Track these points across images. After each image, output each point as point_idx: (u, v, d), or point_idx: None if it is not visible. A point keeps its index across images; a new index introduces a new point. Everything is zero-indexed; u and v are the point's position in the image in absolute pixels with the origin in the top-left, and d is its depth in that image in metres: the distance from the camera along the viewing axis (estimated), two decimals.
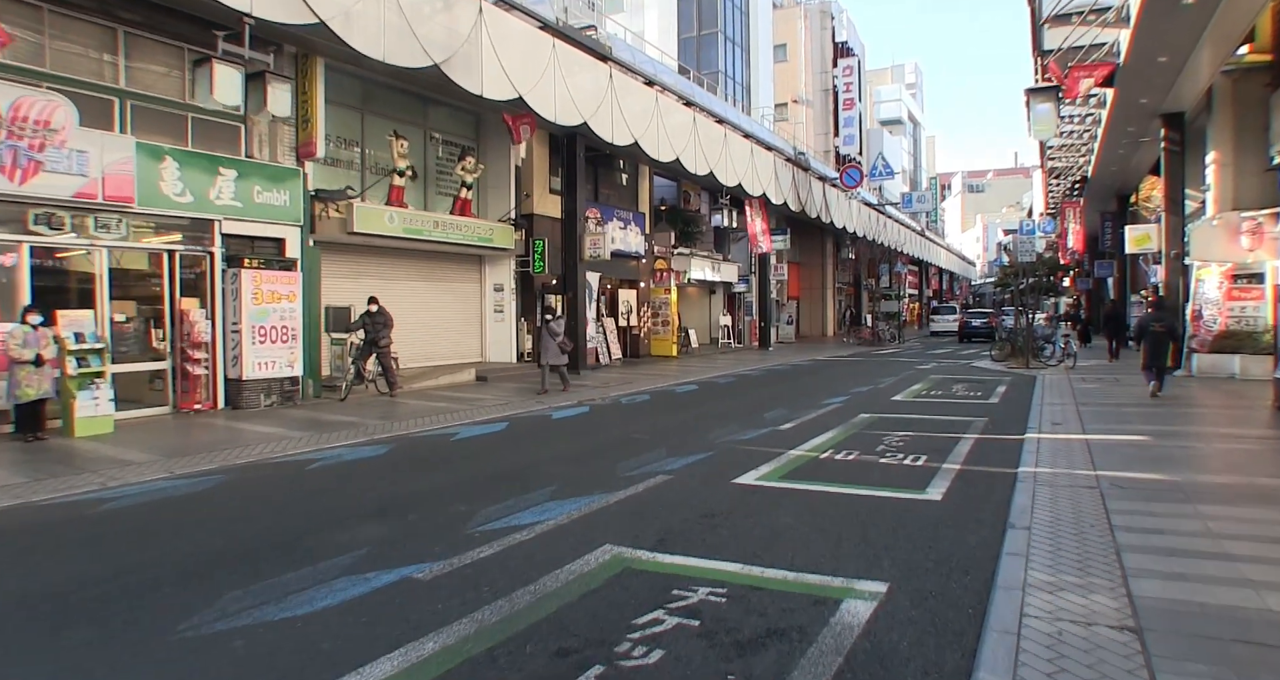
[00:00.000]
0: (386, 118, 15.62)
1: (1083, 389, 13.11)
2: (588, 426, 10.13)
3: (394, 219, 14.46)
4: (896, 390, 13.80)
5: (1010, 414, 10.55)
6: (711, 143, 18.92)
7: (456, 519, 5.54)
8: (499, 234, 16.97)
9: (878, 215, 35.69)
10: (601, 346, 20.00)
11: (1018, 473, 6.56)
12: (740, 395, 13.53)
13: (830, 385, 14.95)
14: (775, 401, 12.36)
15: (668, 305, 22.91)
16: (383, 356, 13.18)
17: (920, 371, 17.90)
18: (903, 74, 73.28)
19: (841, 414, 10.70)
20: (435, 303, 16.90)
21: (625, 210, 21.37)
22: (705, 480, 6.65)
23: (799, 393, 13.68)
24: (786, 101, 42.87)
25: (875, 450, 7.90)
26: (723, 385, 15.34)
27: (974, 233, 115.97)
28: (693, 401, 12.75)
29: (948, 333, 41.34)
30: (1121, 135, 17.67)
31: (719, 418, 10.57)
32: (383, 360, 13.21)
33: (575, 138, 17.16)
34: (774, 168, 22.59)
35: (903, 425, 9.60)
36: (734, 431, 9.26)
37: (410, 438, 9.25)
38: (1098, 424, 9.14)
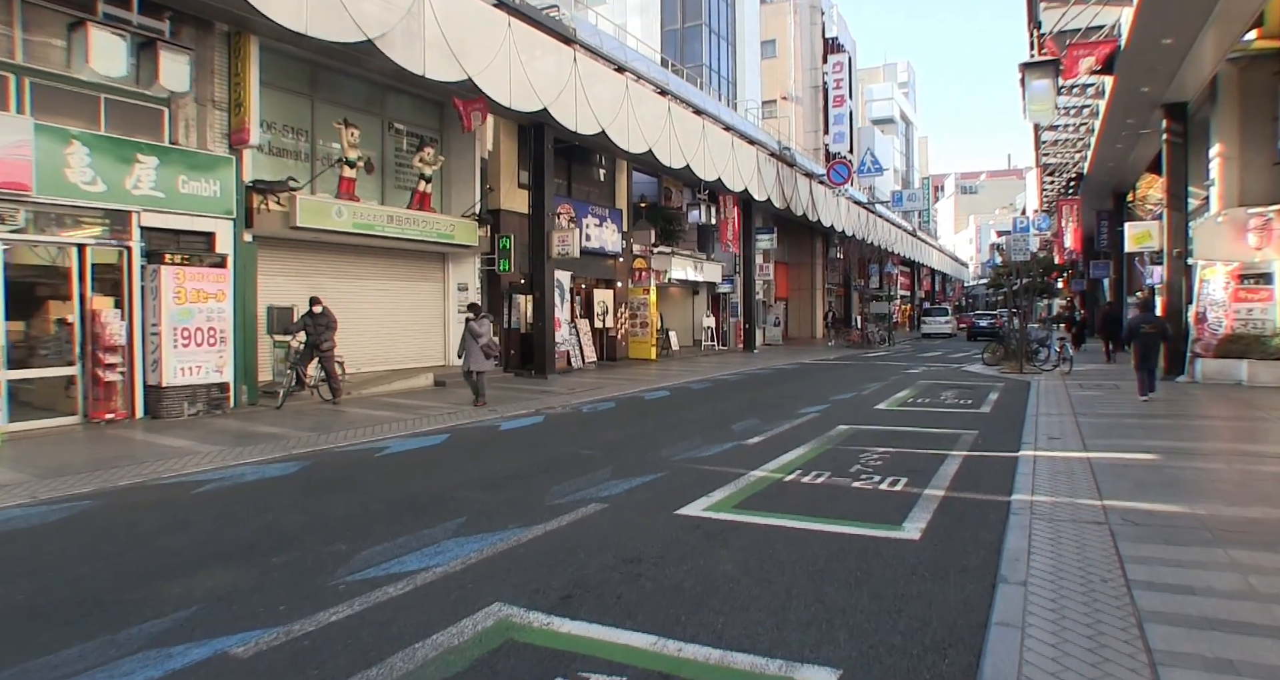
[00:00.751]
0: (340, 105, 14.59)
1: (1080, 397, 12.17)
2: (535, 440, 9.14)
3: (342, 213, 13.43)
4: (881, 397, 12.84)
5: (1003, 426, 9.60)
6: (688, 135, 17.96)
7: (328, 563, 4.55)
8: (461, 230, 15.96)
9: (867, 214, 34.77)
10: (574, 349, 19.00)
11: (1011, 502, 5.60)
12: (712, 403, 12.55)
13: (811, 391, 13.99)
14: (749, 410, 11.39)
15: (646, 306, 21.93)
16: (325, 361, 12.18)
17: (908, 376, 16.96)
18: (895, 73, 72.48)
19: (818, 425, 9.73)
20: (393, 303, 15.87)
21: (601, 207, 20.40)
22: (644, 510, 5.66)
23: (776, 400, 12.71)
24: (775, 98, 41.98)
25: (849, 471, 6.92)
26: (696, 391, 14.36)
27: (967, 234, 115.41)
28: (660, 410, 11.77)
29: (939, 335, 40.57)
30: (1120, 128, 16.77)
31: (682, 430, 9.58)
32: (325, 365, 12.20)
33: (543, 128, 16.17)
34: (757, 163, 21.62)
35: (883, 439, 8.63)
36: (695, 447, 8.28)
37: (332, 453, 8.24)
38: (1099, 438, 8.19)
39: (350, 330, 14.82)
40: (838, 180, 25.92)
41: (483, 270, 17.12)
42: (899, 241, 41.26)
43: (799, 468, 7.08)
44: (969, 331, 37.81)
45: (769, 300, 33.03)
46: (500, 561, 4.56)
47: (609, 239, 20.61)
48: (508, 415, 11.12)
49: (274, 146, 13.61)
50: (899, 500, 5.84)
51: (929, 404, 12.00)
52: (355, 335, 15.00)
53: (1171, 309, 14.76)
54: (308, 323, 11.98)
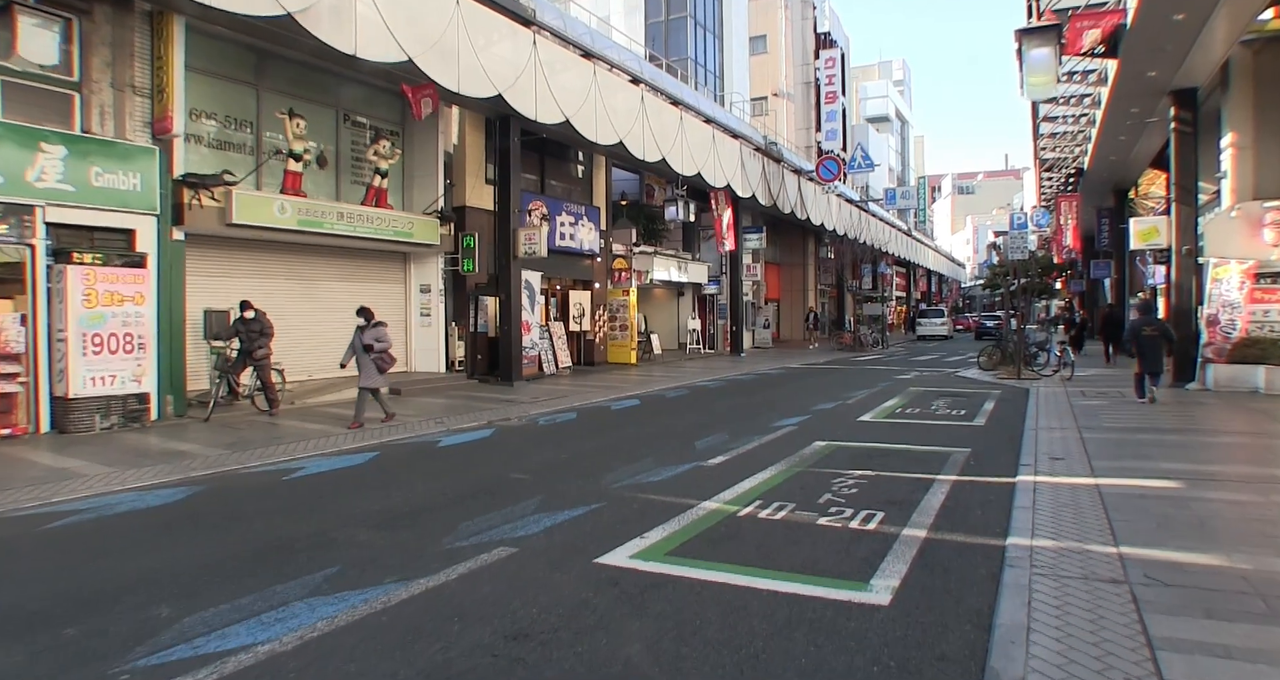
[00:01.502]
0: (289, 96, 13.58)
1: (1084, 407, 11.16)
2: (470, 460, 8.11)
3: (286, 209, 12.43)
4: (867, 407, 11.82)
5: (998, 442, 8.58)
6: (664, 127, 16.96)
7: (129, 637, 3.53)
8: (421, 228, 14.95)
9: (860, 212, 33.78)
10: (547, 354, 17.97)
11: (1006, 549, 4.58)
12: (682, 413, 11.53)
13: (792, 400, 12.97)
14: (720, 422, 10.37)
15: (626, 308, 20.92)
16: (261, 369, 11.15)
17: (899, 382, 15.94)
18: (890, 70, 71.51)
19: (792, 441, 8.71)
20: (349, 306, 14.79)
21: (577, 204, 19.39)
22: (559, 558, 4.65)
23: (752, 410, 11.69)
24: (766, 95, 40.99)
25: (817, 501, 5.90)
26: (670, 399, 13.35)
27: (964, 235, 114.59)
28: (623, 422, 10.75)
29: (935, 337, 39.57)
30: (1124, 117, 15.79)
31: (639, 446, 8.56)
32: (261, 374, 11.17)
33: (509, 119, 15.17)
34: (740, 157, 20.62)
35: (863, 460, 7.62)
36: (646, 469, 7.26)
37: (235, 476, 7.22)
38: (1109, 459, 7.17)
39: (298, 335, 13.82)
40: (827, 176, 24.92)
41: (446, 270, 16.10)
42: (893, 241, 40.28)
43: (759, 498, 6.06)
44: (976, 332, 39.80)
45: (758, 302, 32.03)
46: (350, 635, 3.55)
47: (585, 238, 19.61)
48: (455, 428, 10.11)
49: (214, 138, 12.62)
50: (870, 544, 4.82)
51: (918, 415, 10.98)
52: (305, 340, 14.01)
53: (1180, 311, 13.76)
54: (239, 328, 10.95)
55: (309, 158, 13.19)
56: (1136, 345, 11.13)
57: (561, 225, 18.69)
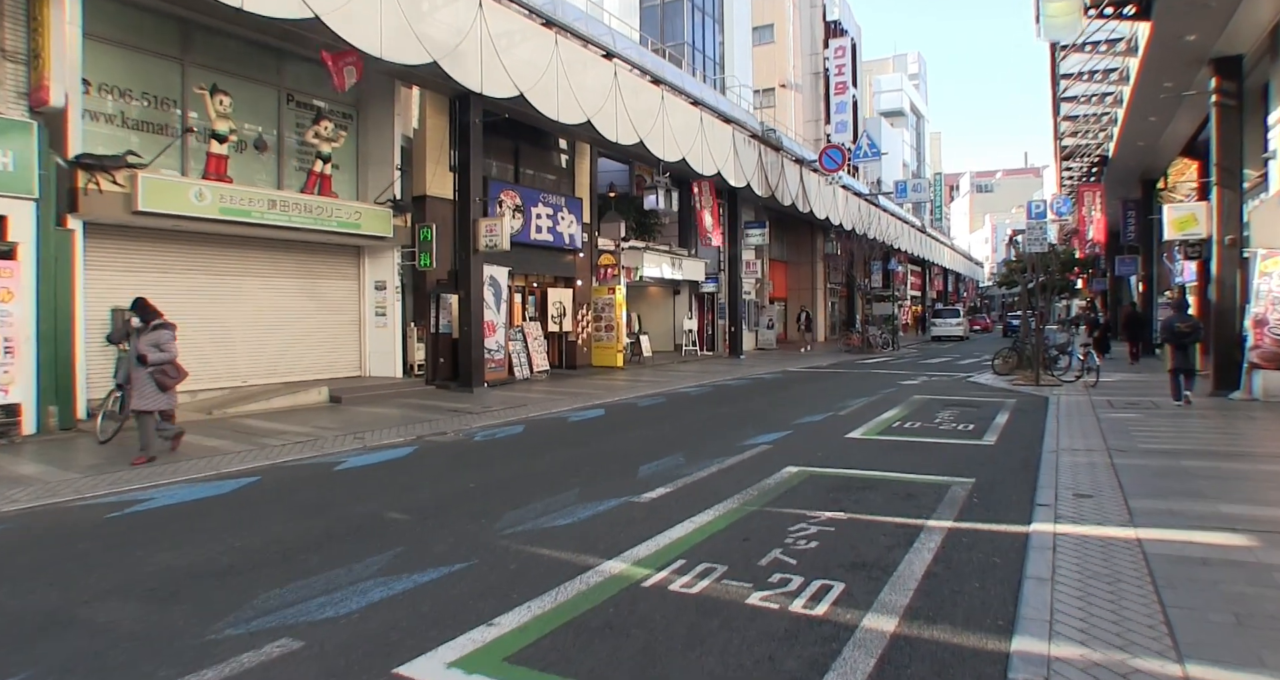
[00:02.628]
0: (220, 72, 12.23)
1: (1113, 421, 9.54)
2: (358, 490, 6.66)
3: (204, 195, 11.07)
4: (860, 420, 10.25)
5: (1010, 469, 7.01)
6: (643, 107, 15.46)
7: None
8: (371, 219, 13.56)
9: (869, 206, 32.05)
10: (519, 357, 16.53)
11: (1011, 660, 3.05)
12: (646, 427, 10.03)
13: (777, 411, 11.43)
14: (682, 440, 8.86)
15: (612, 307, 19.44)
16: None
17: (903, 389, 14.34)
18: (905, 64, 69.43)
19: (757, 467, 7.19)
20: (290, 305, 13.48)
21: (556, 195, 17.94)
22: (347, 665, 3.17)
23: (727, 424, 10.17)
24: (774, 86, 39.41)
25: (759, 564, 4.39)
26: (641, 409, 11.86)
27: (982, 234, 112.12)
28: (572, 438, 9.27)
29: (950, 337, 37.76)
30: (1155, 93, 14.08)
31: (568, 473, 7.08)
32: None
33: (468, 98, 13.73)
34: (733, 143, 19.05)
35: (837, 494, 6.08)
36: (560, 506, 5.78)
37: (51, 513, 5.82)
38: (1151, 497, 5.60)
39: (228, 337, 12.46)
40: (830, 166, 23.28)
41: (404, 266, 14.71)
42: (905, 237, 38.47)
43: (683, 555, 4.55)
44: (1005, 329, 40.22)
45: (761, 301, 30.43)
46: None
47: (566, 231, 18.15)
48: (373, 445, 8.68)
49: (133, 118, 11.28)
50: (812, 646, 3.31)
51: (918, 430, 9.40)
52: (238, 343, 12.65)
53: (1223, 310, 12.07)
54: (129, 331, 9.50)
55: (235, 139, 11.83)
56: (1171, 344, 10.77)
57: (538, 217, 17.25)
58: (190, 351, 11.83)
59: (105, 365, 10.52)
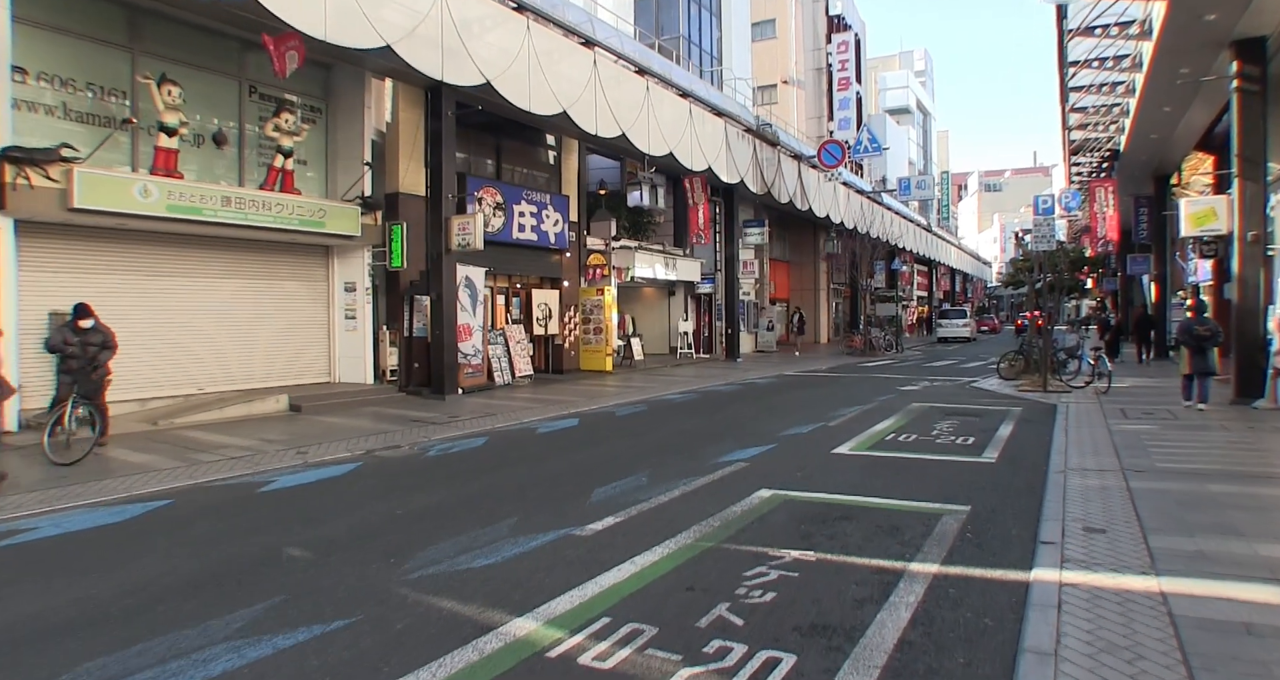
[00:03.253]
0: (174, 62, 11.53)
1: (1127, 434, 8.70)
2: (277, 515, 5.91)
3: (149, 191, 10.37)
4: (851, 432, 9.45)
5: (1012, 493, 6.20)
6: (626, 98, 14.67)
7: None
8: (337, 217, 12.84)
9: (872, 204, 31.15)
10: (500, 362, 15.79)
11: None
12: (617, 440, 9.26)
13: (763, 420, 10.63)
14: (651, 455, 8.09)
15: (601, 309, 18.67)
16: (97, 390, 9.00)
17: (902, 396, 13.52)
18: (911, 61, 68.38)
19: (725, 491, 6.41)
20: (252, 308, 12.78)
21: (540, 192, 17.18)
22: None
23: (705, 436, 9.38)
24: (775, 82, 38.58)
25: (697, 625, 3.61)
26: (619, 418, 11.09)
27: (990, 233, 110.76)
28: (531, 453, 8.50)
29: (957, 339, 36.84)
30: (1171, 79, 13.20)
31: (512, 497, 6.31)
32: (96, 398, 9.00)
33: (440, 91, 13.01)
34: (725, 138, 18.24)
35: (810, 527, 5.30)
36: (490, 539, 5.02)
37: None
38: (1175, 534, 4.79)
39: (178, 343, 11.76)
40: (830, 162, 22.43)
41: (375, 266, 13.98)
42: (909, 235, 37.51)
43: (610, 610, 3.78)
44: (1017, 329, 38.76)
45: (761, 302, 29.60)
46: None
47: (552, 230, 17.40)
48: (315, 461, 7.95)
49: (71, 109, 10.58)
50: None
51: (913, 444, 8.59)
52: (194, 348, 11.96)
53: (1245, 311, 11.20)
54: (68, 339, 8.77)
55: (185, 132, 11.11)
56: (1188, 345, 10.42)
57: (521, 215, 16.50)
58: (140, 357, 11.18)
59: (43, 373, 9.81)
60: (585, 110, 13.42)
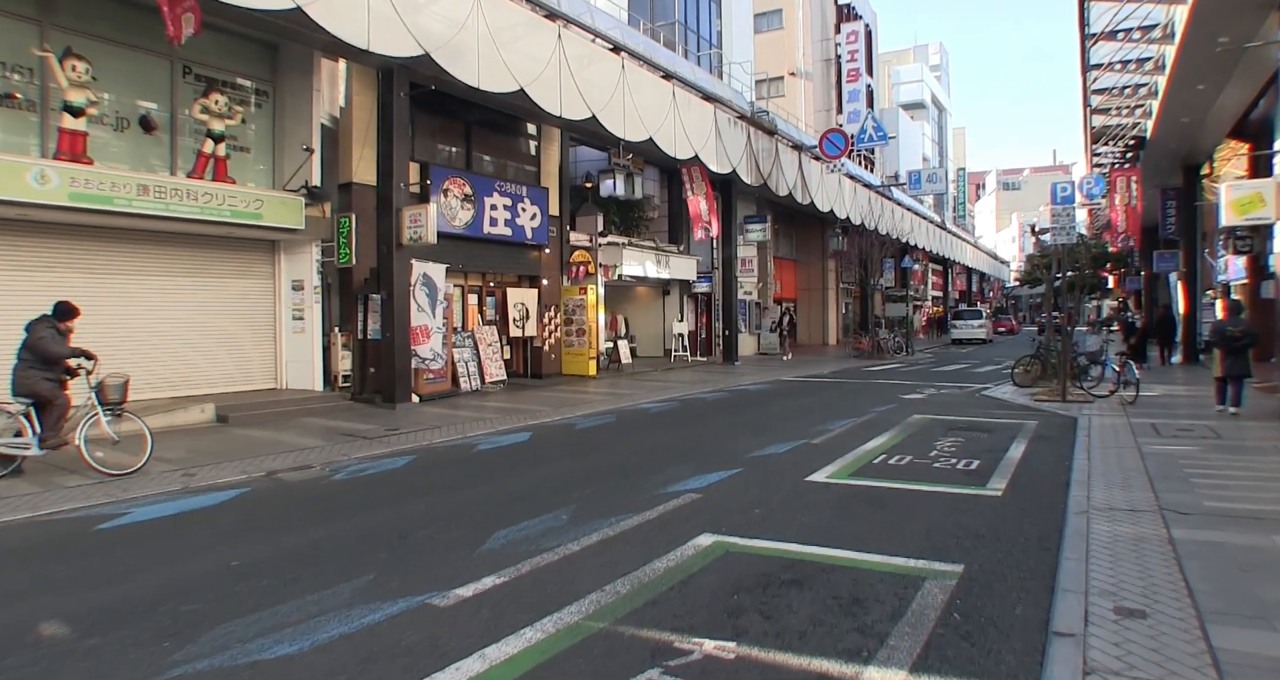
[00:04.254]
0: (93, 38, 10.45)
1: (1163, 457, 7.32)
2: (92, 567, 4.69)
3: (48, 178, 9.24)
4: (837, 452, 8.12)
5: (1018, 547, 4.86)
6: (597, 78, 13.39)
7: None
8: (276, 208, 11.68)
9: (880, 199, 29.64)
10: (468, 366, 14.58)
11: None
12: (558, 460, 7.99)
13: (738, 436, 9.31)
14: (589, 481, 6.81)
15: (584, 309, 17.42)
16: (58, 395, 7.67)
17: (903, 405, 12.16)
18: (926, 54, 66.53)
19: (657, 536, 5.13)
20: (183, 308, 11.65)
21: (515, 183, 15.96)
22: None
23: (665, 456, 8.09)
24: (783, 74, 37.24)
25: None
26: (579, 432, 9.83)
27: (1009, 232, 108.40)
28: (453, 478, 7.25)
29: (972, 340, 35.25)
30: (1208, 49, 11.73)
31: (385, 544, 5.06)
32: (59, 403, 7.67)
33: (392, 71, 11.84)
34: (714, 124, 16.89)
35: (743, 597, 4.01)
36: (318, 611, 3.77)
37: None
38: (1244, 615, 3.47)
39: (93, 345, 10.59)
40: (832, 152, 21.02)
41: (324, 263, 12.82)
42: (919, 232, 35.86)
43: None
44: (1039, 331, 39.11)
45: (764, 302, 28.22)
46: None
47: (528, 224, 16.18)
48: (199, 486, 6.77)
49: None
50: None
51: (905, 470, 7.26)
52: (113, 351, 10.80)
53: None
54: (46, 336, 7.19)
55: (94, 112, 9.99)
56: (1220, 347, 9.99)
57: (493, 208, 15.29)
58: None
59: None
60: (547, 89, 12.16)
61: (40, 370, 7.04)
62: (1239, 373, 9.88)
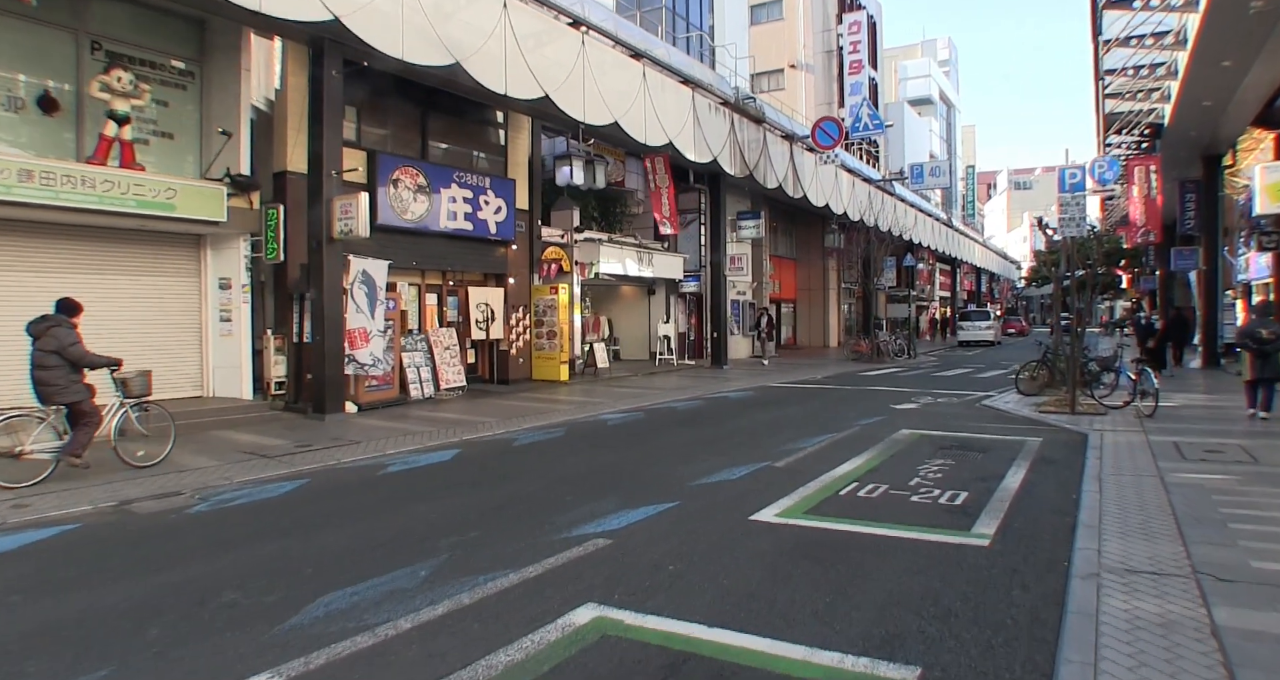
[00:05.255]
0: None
1: (1192, 491, 6.02)
2: None
3: None
4: (799, 479, 6.86)
5: (1003, 634, 3.60)
6: (552, 55, 12.13)
7: None
8: (193, 198, 10.52)
9: (881, 194, 28.26)
10: (420, 372, 13.41)
11: None
12: (464, 490, 6.77)
13: (690, 457, 8.06)
14: (481, 521, 5.59)
15: (555, 309, 16.21)
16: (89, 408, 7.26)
17: (892, 417, 10.88)
18: (934, 49, 64.93)
19: (521, 607, 3.90)
20: (94, 308, 10.47)
21: (479, 174, 14.78)
22: None
23: (591, 485, 6.86)
24: (783, 67, 35.96)
25: None
26: (514, 450, 8.62)
27: (1020, 232, 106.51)
28: (325, 514, 6.03)
29: (979, 342, 33.82)
30: (1237, 12, 10.40)
31: (165, 614, 3.85)
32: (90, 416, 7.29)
33: (323, 47, 10.68)
34: (692, 109, 15.61)
35: None
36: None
37: None
38: None
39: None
40: (824, 142, 19.69)
41: (252, 259, 11.67)
42: (922, 229, 34.34)
43: None
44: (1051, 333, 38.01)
45: (760, 302, 26.93)
46: None
47: (492, 218, 15.00)
48: (22, 522, 5.59)
49: None
50: None
51: (875, 505, 6.00)
52: (7, 360, 9.70)
53: None
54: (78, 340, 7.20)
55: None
56: (1249, 350, 9.59)
57: (452, 201, 14.12)
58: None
59: None
60: (489, 65, 10.92)
61: (72, 375, 6.89)
62: (1271, 376, 9.50)
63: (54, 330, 6.88)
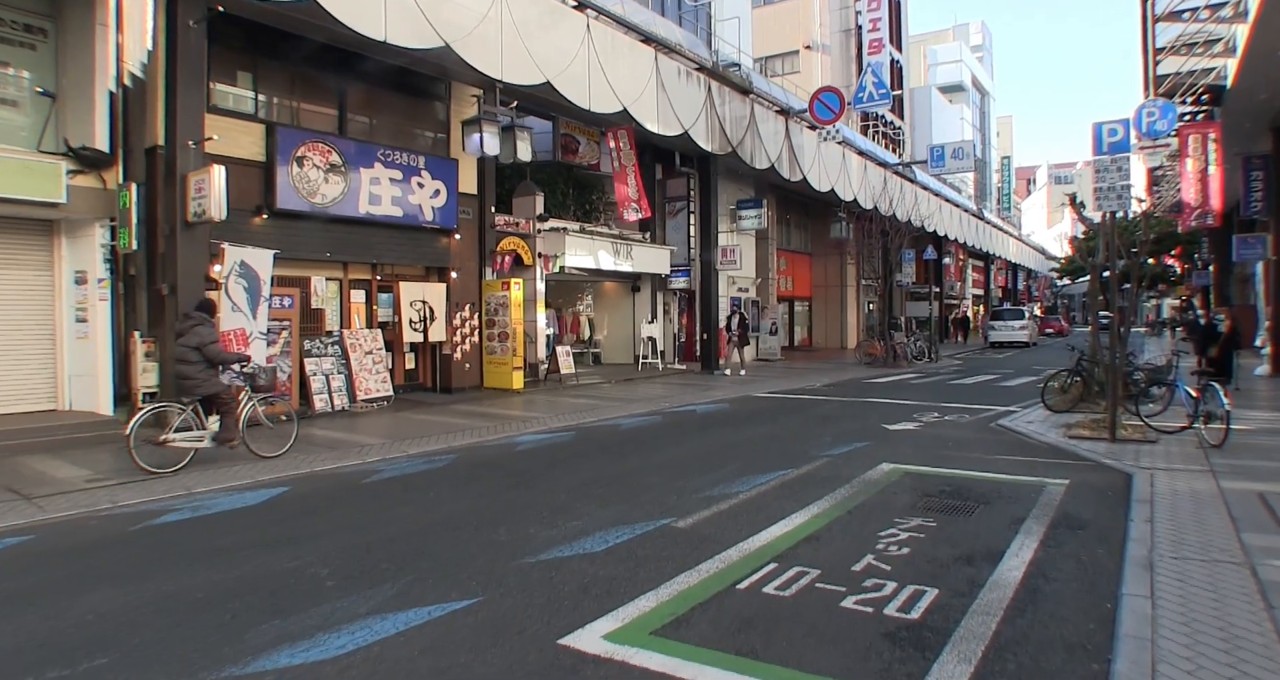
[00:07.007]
0: None
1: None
2: None
3: None
4: (697, 554, 4.68)
5: None
6: (472, 4, 10.06)
7: None
8: (19, 175, 8.72)
9: (898, 179, 25.64)
10: (330, 381, 11.47)
11: None
12: (198, 566, 4.71)
13: (574, 505, 5.91)
14: (163, 623, 3.52)
15: (507, 308, 14.18)
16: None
17: (879, 443, 8.60)
18: (966, 34, 61.52)
19: None
20: None
21: (410, 153, 12.81)
22: None
23: (384, 558, 4.75)
24: (798, 48, 33.60)
25: None
26: (352, 490, 6.56)
27: (1060, 228, 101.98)
28: (43, 586, 4.03)
29: (1012, 344, 31.01)
30: None
31: None
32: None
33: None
34: (655, 73, 13.33)
35: None
36: None
37: None
38: None
39: None
40: (824, 116, 17.28)
41: (111, 247, 9.81)
42: (944, 218, 31.45)
43: None
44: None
45: (764, 301, 24.60)
46: None
47: (426, 203, 13.03)
48: None
49: None
50: None
51: (780, 616, 3.81)
52: None
53: None
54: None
55: None
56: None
57: (374, 182, 12.18)
58: None
59: None
60: (368, 9, 8.85)
61: (209, 371, 7.19)
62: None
63: (196, 328, 7.15)
